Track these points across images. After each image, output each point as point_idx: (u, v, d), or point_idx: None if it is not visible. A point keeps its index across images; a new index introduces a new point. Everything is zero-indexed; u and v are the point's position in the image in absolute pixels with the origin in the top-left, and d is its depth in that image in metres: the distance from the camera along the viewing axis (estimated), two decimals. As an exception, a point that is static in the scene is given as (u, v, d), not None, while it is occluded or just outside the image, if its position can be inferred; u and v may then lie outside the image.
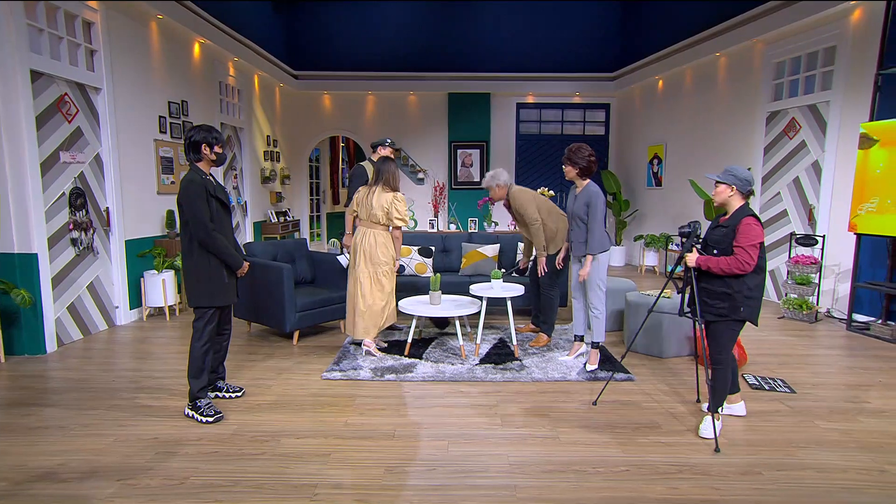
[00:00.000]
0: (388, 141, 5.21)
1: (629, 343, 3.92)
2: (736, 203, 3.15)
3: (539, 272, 4.82)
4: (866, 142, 5.30)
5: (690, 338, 4.67)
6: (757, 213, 3.22)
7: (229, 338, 3.78)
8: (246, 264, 3.59)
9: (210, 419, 3.38)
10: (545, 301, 4.98)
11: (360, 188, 4.65)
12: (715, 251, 3.16)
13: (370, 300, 4.49)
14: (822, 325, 5.78)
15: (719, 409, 3.26)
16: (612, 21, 10.70)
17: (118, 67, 5.63)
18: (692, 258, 3.21)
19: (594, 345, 4.36)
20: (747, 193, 3.15)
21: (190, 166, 3.43)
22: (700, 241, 3.29)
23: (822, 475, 2.79)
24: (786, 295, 6.11)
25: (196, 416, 3.41)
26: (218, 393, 3.77)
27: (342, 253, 5.24)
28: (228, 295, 3.50)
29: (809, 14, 5.98)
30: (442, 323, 5.52)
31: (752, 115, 7.18)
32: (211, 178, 3.45)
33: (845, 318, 5.75)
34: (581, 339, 4.58)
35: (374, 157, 5.22)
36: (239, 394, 3.81)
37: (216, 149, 3.43)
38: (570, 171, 4.33)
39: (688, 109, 8.68)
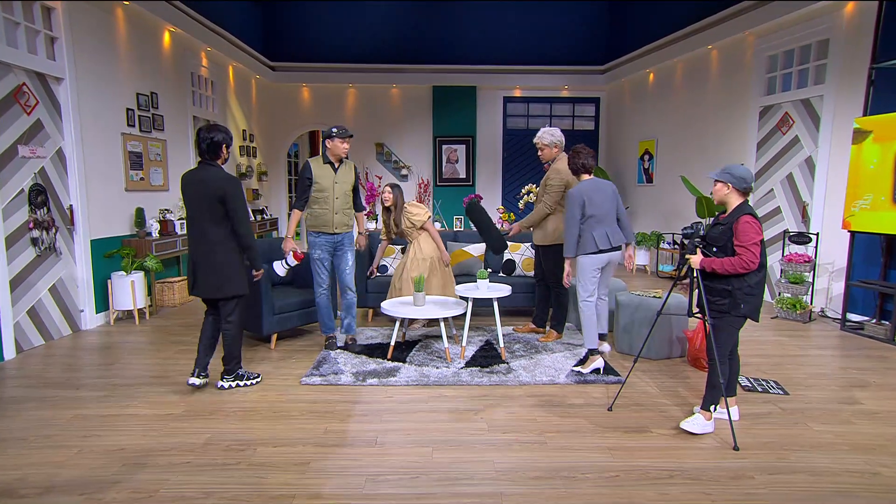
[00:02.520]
0: (334, 130, 4.58)
1: (637, 354, 3.78)
2: (734, 201, 3.18)
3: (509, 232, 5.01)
4: (860, 135, 5.20)
5: (681, 339, 4.58)
6: (754, 210, 3.28)
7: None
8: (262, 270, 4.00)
9: (255, 380, 4.00)
10: (557, 300, 4.94)
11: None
12: (714, 249, 3.18)
13: None
14: (816, 324, 5.69)
15: (711, 409, 3.24)
16: (602, 13, 10.56)
17: (82, 56, 5.33)
18: (696, 260, 3.19)
19: (589, 351, 4.21)
20: (744, 191, 3.17)
21: (208, 165, 3.69)
22: (703, 241, 3.28)
23: (815, 478, 2.76)
24: (779, 294, 6.01)
25: (242, 384, 3.95)
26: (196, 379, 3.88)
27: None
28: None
29: (801, 7, 5.87)
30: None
31: (744, 110, 7.07)
32: None
33: (839, 317, 5.65)
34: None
35: (335, 150, 4.62)
36: (257, 380, 4.09)
37: (229, 149, 3.83)
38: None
39: (679, 104, 8.55)
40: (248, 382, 3.97)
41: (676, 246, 8.30)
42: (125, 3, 5.86)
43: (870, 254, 5.49)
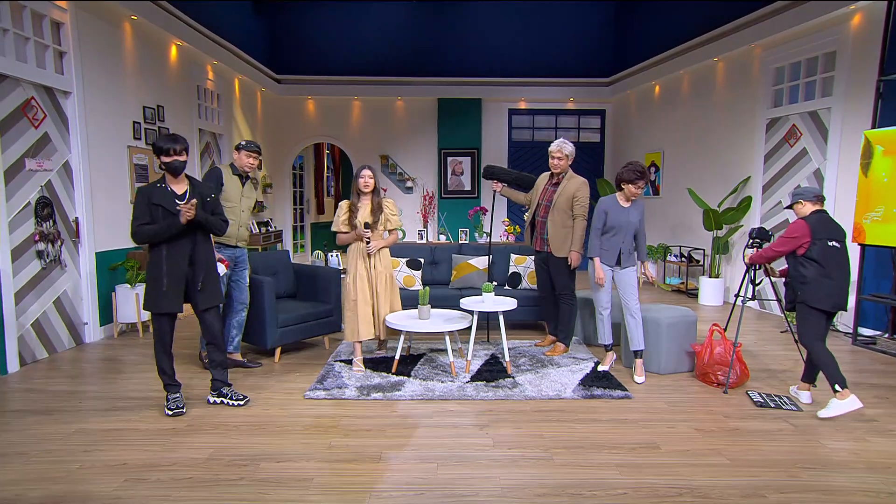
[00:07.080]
0: (242, 143, 4.50)
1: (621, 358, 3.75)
2: (799, 212, 3.86)
3: (570, 263, 4.77)
4: (866, 165, 5.18)
5: (690, 353, 4.51)
6: (794, 219, 3.86)
7: (217, 348, 3.81)
8: (184, 208, 3.46)
9: (169, 413, 3.64)
10: (565, 310, 4.88)
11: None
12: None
13: None
14: (827, 339, 5.52)
15: (836, 386, 3.49)
16: (607, 25, 10.58)
17: (89, 70, 5.37)
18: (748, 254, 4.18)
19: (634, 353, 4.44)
20: (811, 200, 3.81)
21: None
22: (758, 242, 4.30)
23: (828, 497, 2.69)
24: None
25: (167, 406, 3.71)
26: (223, 399, 3.83)
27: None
28: (167, 303, 3.58)
29: (808, 19, 5.85)
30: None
31: (751, 122, 7.04)
32: (167, 187, 3.61)
33: (851, 331, 5.57)
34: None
35: (239, 161, 4.48)
36: (242, 402, 3.84)
37: (163, 158, 3.55)
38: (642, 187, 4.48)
39: (686, 116, 8.53)
40: (166, 411, 3.68)
41: (683, 259, 8.23)
42: (133, 17, 5.91)
43: (880, 266, 5.42)
